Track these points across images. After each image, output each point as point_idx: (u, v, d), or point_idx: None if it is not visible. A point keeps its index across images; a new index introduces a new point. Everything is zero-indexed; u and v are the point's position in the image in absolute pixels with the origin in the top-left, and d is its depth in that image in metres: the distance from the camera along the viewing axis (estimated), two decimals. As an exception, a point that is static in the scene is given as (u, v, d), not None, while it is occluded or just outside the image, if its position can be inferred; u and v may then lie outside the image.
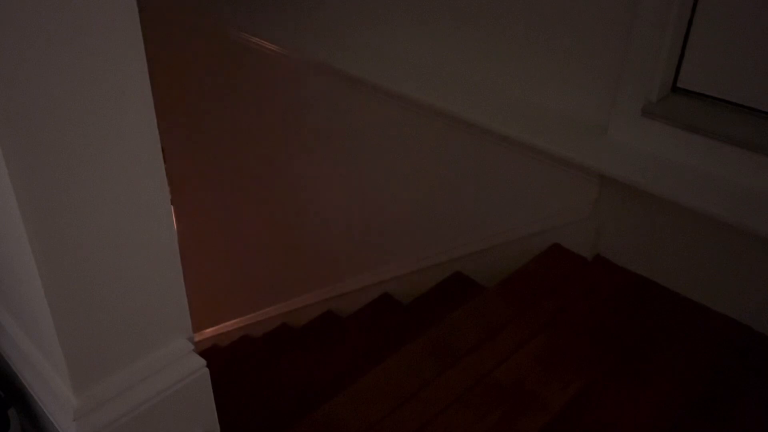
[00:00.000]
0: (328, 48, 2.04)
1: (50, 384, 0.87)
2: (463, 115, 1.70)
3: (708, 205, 1.31)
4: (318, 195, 2.41)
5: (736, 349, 1.36)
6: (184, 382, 0.90)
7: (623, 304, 1.48)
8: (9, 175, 0.66)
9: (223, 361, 3.00)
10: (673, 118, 1.34)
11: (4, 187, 0.68)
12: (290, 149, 2.43)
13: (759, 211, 1.26)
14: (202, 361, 0.92)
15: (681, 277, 1.48)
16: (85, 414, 0.82)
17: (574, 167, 1.53)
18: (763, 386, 1.28)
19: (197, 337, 3.57)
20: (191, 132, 3.02)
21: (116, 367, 0.85)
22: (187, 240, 3.52)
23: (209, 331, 3.61)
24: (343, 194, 2.29)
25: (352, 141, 2.13)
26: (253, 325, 3.16)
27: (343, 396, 1.30)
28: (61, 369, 0.81)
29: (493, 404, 1.25)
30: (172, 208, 0.83)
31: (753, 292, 1.38)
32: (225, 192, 3.04)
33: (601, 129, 1.46)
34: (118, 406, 0.84)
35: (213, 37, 2.49)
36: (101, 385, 0.84)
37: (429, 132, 1.87)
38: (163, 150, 0.77)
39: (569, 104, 1.52)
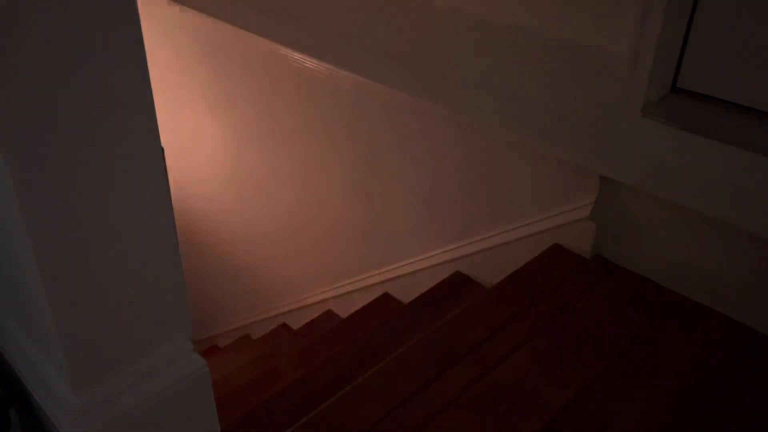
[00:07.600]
0: (314, 44, 2.04)
1: (50, 384, 0.87)
2: (463, 114, 1.70)
3: (708, 205, 1.31)
4: (318, 195, 2.41)
5: (736, 349, 1.36)
6: (184, 382, 0.90)
7: (623, 304, 1.48)
8: (9, 176, 0.66)
9: (224, 361, 3.00)
10: (673, 118, 1.34)
11: (5, 187, 0.68)
12: (291, 150, 2.43)
13: (758, 211, 1.26)
14: (202, 361, 0.92)
15: (680, 276, 1.48)
16: (85, 414, 0.82)
17: (574, 167, 1.53)
18: (763, 387, 1.28)
19: (198, 337, 3.58)
20: (197, 130, 3.02)
21: (116, 367, 0.85)
22: (188, 239, 3.52)
23: (210, 331, 3.61)
24: (343, 194, 2.29)
25: (353, 141, 2.13)
26: (253, 325, 3.17)
27: (342, 396, 1.30)
28: (62, 369, 0.81)
29: (493, 404, 1.25)
30: (172, 207, 0.83)
31: (753, 292, 1.38)
32: (226, 191, 3.04)
33: (601, 129, 1.46)
34: (118, 406, 0.84)
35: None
36: (101, 385, 0.84)
37: (429, 131, 1.87)
38: (163, 150, 0.77)
39: (569, 104, 1.52)
